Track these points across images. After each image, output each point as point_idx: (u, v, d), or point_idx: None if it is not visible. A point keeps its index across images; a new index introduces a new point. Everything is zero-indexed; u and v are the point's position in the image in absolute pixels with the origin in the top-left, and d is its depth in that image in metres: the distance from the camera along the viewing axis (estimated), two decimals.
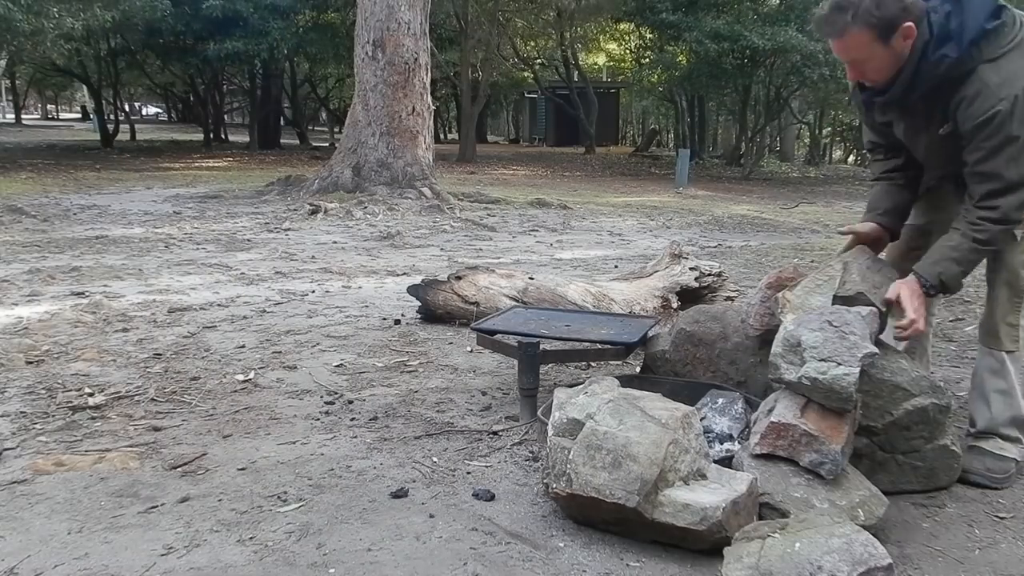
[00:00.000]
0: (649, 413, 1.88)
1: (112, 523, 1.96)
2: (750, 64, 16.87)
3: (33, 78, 33.63)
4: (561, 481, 1.89)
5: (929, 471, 2.18)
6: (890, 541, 1.90)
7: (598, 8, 21.80)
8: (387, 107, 10.14)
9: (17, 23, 12.30)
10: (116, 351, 3.46)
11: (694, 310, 2.80)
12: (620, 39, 26.68)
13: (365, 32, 10.12)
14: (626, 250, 6.94)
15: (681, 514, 1.77)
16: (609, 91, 30.07)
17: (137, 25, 17.24)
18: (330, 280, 5.23)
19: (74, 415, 2.69)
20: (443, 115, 32.89)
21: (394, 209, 9.09)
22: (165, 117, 49.77)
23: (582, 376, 3.19)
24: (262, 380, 3.11)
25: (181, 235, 7.18)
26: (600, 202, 11.29)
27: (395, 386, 3.07)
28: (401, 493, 2.12)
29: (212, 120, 25.51)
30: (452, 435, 2.56)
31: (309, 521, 1.98)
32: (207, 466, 2.30)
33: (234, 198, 10.41)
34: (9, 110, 43.87)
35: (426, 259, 6.22)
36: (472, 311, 3.87)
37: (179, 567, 1.77)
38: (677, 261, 4.22)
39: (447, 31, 21.20)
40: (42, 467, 2.25)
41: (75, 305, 4.27)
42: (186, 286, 4.92)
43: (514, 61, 26.92)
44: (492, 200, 10.47)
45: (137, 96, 41.91)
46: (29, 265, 5.46)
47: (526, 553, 1.84)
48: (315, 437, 2.54)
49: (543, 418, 2.21)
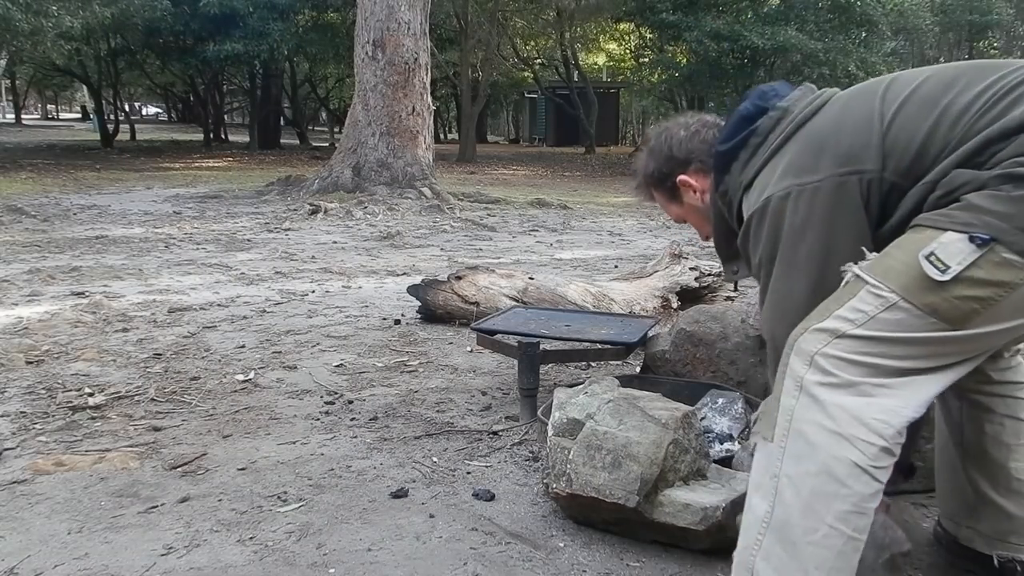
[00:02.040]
0: (649, 413, 1.88)
1: (112, 523, 1.96)
2: (750, 64, 16.88)
3: (33, 78, 33.62)
4: (561, 481, 1.89)
5: (929, 471, 2.17)
6: None
7: (598, 8, 21.80)
8: (387, 107, 10.14)
9: (17, 22, 12.31)
10: (116, 351, 3.46)
11: (694, 310, 2.80)
12: (620, 39, 26.69)
13: (365, 32, 10.12)
14: (626, 250, 6.94)
15: (681, 514, 1.77)
16: (609, 91, 30.06)
17: (137, 24, 17.25)
18: (330, 280, 5.23)
19: (74, 415, 2.69)
20: (443, 115, 32.89)
21: (394, 209, 9.10)
22: (165, 117, 49.79)
23: (582, 376, 3.19)
24: (262, 380, 3.11)
25: (181, 235, 7.18)
26: (600, 202, 11.29)
27: (395, 386, 3.07)
28: (401, 493, 2.12)
29: (212, 120, 25.52)
30: (452, 435, 2.56)
31: (309, 521, 1.98)
32: (207, 466, 2.30)
33: (234, 198, 10.41)
34: (9, 110, 43.87)
35: (426, 259, 6.22)
36: (472, 311, 3.87)
37: (179, 567, 1.77)
38: (677, 261, 4.22)
39: (447, 31, 21.22)
40: (42, 467, 2.25)
41: (75, 305, 4.27)
42: (186, 286, 4.92)
43: (514, 61, 26.93)
44: (492, 200, 10.47)
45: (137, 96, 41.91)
46: (29, 265, 5.46)
47: (526, 553, 1.84)
48: (315, 437, 2.54)
49: (543, 418, 2.21)
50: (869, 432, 1.28)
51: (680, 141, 1.71)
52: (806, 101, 1.49)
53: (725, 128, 1.59)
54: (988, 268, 1.22)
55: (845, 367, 1.30)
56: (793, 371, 1.35)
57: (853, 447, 1.28)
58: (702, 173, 1.68)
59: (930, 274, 1.25)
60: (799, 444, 1.32)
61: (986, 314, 1.25)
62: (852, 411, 1.28)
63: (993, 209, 1.22)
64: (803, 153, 1.43)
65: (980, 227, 1.22)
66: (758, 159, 1.50)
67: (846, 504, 1.29)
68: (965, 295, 1.24)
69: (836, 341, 1.31)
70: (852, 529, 1.30)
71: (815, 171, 1.39)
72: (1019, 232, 1.21)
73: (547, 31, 25.47)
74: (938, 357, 1.30)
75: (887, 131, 1.36)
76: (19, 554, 1.81)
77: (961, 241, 1.23)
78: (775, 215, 1.42)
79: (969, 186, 1.27)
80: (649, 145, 1.78)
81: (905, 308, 1.27)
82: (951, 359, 1.32)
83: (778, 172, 1.45)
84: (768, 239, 1.45)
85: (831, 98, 1.49)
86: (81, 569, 1.75)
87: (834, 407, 1.29)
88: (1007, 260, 1.21)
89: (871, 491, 1.30)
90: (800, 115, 1.47)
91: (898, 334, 1.28)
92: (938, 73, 1.39)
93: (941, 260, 1.24)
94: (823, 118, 1.45)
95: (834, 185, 1.37)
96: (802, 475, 1.31)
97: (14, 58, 18.85)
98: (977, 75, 1.34)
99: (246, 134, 24.14)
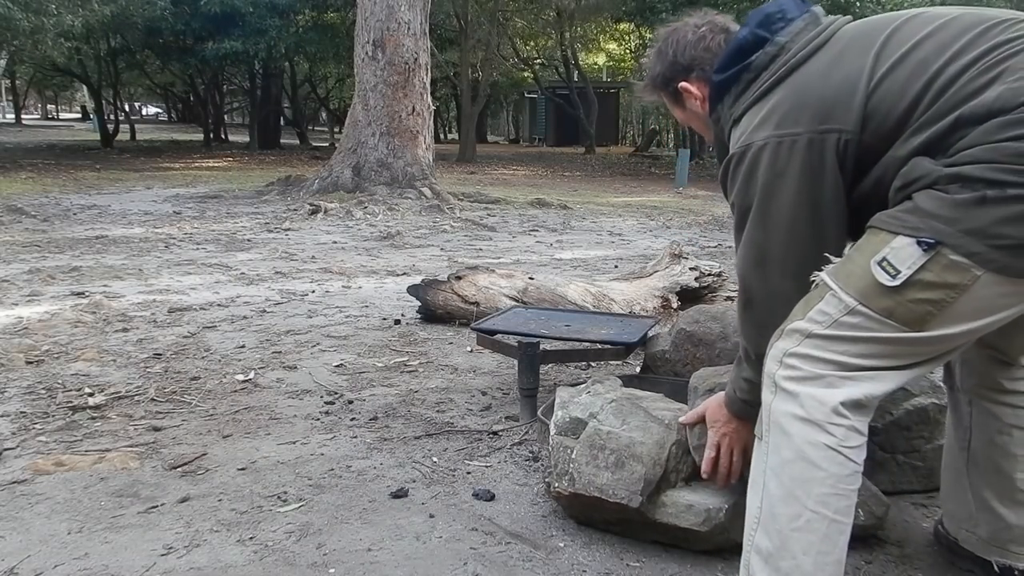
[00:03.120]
0: (652, 413, 1.88)
1: (112, 523, 1.95)
2: None
3: (33, 78, 33.65)
4: (563, 480, 1.89)
5: (929, 471, 2.18)
6: (890, 541, 1.89)
7: (598, 8, 21.82)
8: (387, 107, 10.14)
9: (17, 21, 12.31)
10: (116, 351, 3.46)
11: (694, 310, 2.80)
12: (620, 39, 26.71)
13: (365, 32, 10.12)
14: (626, 250, 6.94)
15: (684, 515, 1.77)
16: (609, 91, 30.08)
17: (136, 24, 17.25)
18: (330, 280, 5.23)
19: (74, 415, 2.68)
20: (443, 115, 32.91)
21: (394, 209, 9.09)
22: (165, 117, 49.82)
23: (582, 376, 3.18)
24: (262, 380, 3.11)
25: (181, 235, 7.18)
26: (600, 202, 11.29)
27: (395, 386, 3.07)
28: (401, 493, 2.12)
29: (212, 120, 25.53)
30: (452, 435, 2.56)
31: (309, 521, 1.98)
32: (207, 466, 2.29)
33: (234, 198, 10.41)
34: (9, 110, 43.89)
35: (426, 259, 6.22)
36: (472, 311, 3.87)
37: (179, 567, 1.76)
38: (677, 261, 4.22)
39: (447, 31, 21.23)
40: (42, 467, 2.25)
41: (75, 305, 4.26)
42: (186, 286, 4.92)
43: (514, 61, 26.95)
44: (492, 200, 10.47)
45: (137, 96, 41.94)
46: (29, 265, 5.46)
47: (526, 553, 1.84)
48: (315, 437, 2.53)
49: (543, 418, 2.21)
50: (835, 415, 1.33)
51: (685, 47, 1.66)
52: (806, 39, 1.46)
53: (722, 56, 1.57)
54: (936, 271, 1.25)
55: (812, 363, 1.35)
56: (768, 371, 1.41)
57: (823, 430, 1.33)
58: (703, 82, 1.64)
59: (882, 280, 1.29)
60: (777, 436, 1.38)
61: (941, 316, 1.27)
62: (819, 398, 1.34)
63: (938, 213, 1.24)
64: (787, 102, 1.42)
65: (927, 231, 1.25)
66: (747, 97, 1.50)
67: (824, 487, 1.34)
68: (917, 298, 1.27)
69: (805, 341, 1.37)
70: (833, 512, 1.34)
71: (796, 123, 1.40)
72: (963, 235, 1.22)
73: (547, 31, 25.50)
74: (899, 357, 1.34)
75: (872, 92, 1.36)
76: (19, 554, 1.80)
77: (910, 246, 1.26)
78: (751, 163, 1.43)
79: (921, 182, 1.29)
80: (658, 45, 1.75)
81: (863, 312, 1.31)
82: (913, 359, 1.35)
83: (760, 116, 1.45)
84: (743, 186, 1.46)
85: (832, 36, 1.46)
86: (81, 569, 1.75)
87: (805, 397, 1.35)
88: (954, 262, 1.24)
89: (847, 472, 1.35)
90: (794, 58, 1.45)
91: (859, 334, 1.33)
92: (941, 31, 1.36)
93: (892, 265, 1.28)
94: (815, 66, 1.43)
95: (810, 141, 1.38)
96: (782, 464, 1.37)
97: (14, 58, 18.88)
98: (978, 38, 1.31)
99: (246, 134, 24.15)
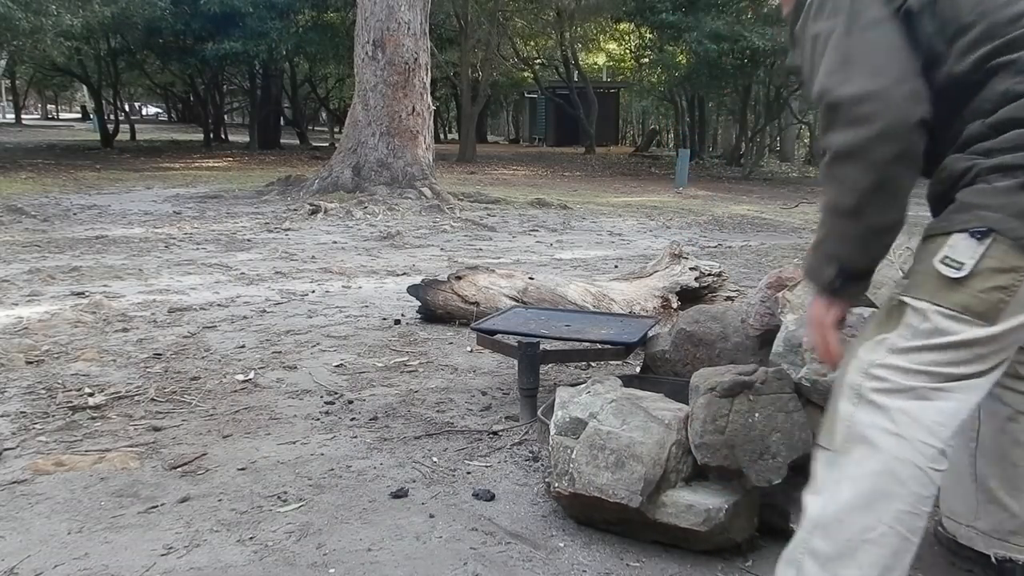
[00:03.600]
0: (652, 413, 1.88)
1: (112, 523, 1.95)
2: (750, 64, 16.87)
3: (33, 78, 33.62)
4: (563, 480, 1.89)
5: None
6: None
7: (598, 8, 21.80)
8: (387, 107, 10.14)
9: (17, 21, 12.31)
10: (116, 351, 3.46)
11: (694, 310, 2.80)
12: (620, 39, 26.68)
13: (365, 32, 10.12)
14: (626, 250, 6.94)
15: (684, 515, 1.77)
16: (609, 91, 30.04)
17: (136, 24, 17.23)
18: (330, 280, 5.23)
19: (74, 415, 2.68)
20: (443, 115, 32.88)
21: (394, 209, 9.09)
22: (165, 117, 49.77)
23: (582, 376, 3.18)
24: (262, 380, 3.11)
25: (181, 235, 7.18)
26: (600, 202, 11.29)
27: (395, 386, 3.07)
28: (401, 493, 2.12)
29: (212, 120, 25.50)
30: (452, 435, 2.56)
31: (309, 521, 1.98)
32: (207, 466, 2.29)
33: (234, 198, 10.41)
34: (9, 110, 43.85)
35: (426, 259, 6.22)
36: (472, 311, 3.87)
37: (179, 567, 1.76)
38: (677, 261, 4.22)
39: (447, 31, 21.21)
40: (42, 467, 2.25)
41: (75, 305, 4.26)
42: (186, 286, 4.92)
43: (514, 61, 26.92)
44: (492, 200, 10.47)
45: (137, 96, 41.90)
46: (29, 265, 5.46)
47: (526, 553, 1.84)
48: (315, 437, 2.53)
49: (543, 418, 2.21)
50: (928, 434, 1.33)
51: None
52: None
53: None
54: (999, 256, 1.28)
55: (901, 374, 1.35)
56: (851, 382, 1.40)
57: (914, 449, 1.33)
58: None
59: (948, 275, 1.31)
60: (861, 448, 1.36)
61: (1012, 303, 1.29)
62: (912, 414, 1.33)
63: (985, 203, 1.29)
64: None
65: (976, 222, 1.29)
66: None
67: (904, 504, 1.34)
68: (987, 287, 1.29)
69: (889, 353, 1.37)
70: (907, 530, 1.34)
71: None
72: (1013, 219, 1.27)
73: (547, 31, 25.47)
74: (983, 360, 1.34)
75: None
76: (19, 554, 1.80)
77: (965, 239, 1.30)
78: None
79: (963, 181, 1.33)
80: None
81: (940, 312, 1.32)
82: (995, 359, 1.36)
83: None
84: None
85: None
86: (81, 569, 1.75)
87: (896, 411, 1.34)
88: (1013, 245, 1.27)
89: (927, 493, 1.35)
90: None
91: (940, 340, 1.33)
92: None
93: (954, 260, 1.31)
94: None
95: None
96: (863, 476, 1.35)
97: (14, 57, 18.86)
98: None
99: (246, 134, 24.13)
